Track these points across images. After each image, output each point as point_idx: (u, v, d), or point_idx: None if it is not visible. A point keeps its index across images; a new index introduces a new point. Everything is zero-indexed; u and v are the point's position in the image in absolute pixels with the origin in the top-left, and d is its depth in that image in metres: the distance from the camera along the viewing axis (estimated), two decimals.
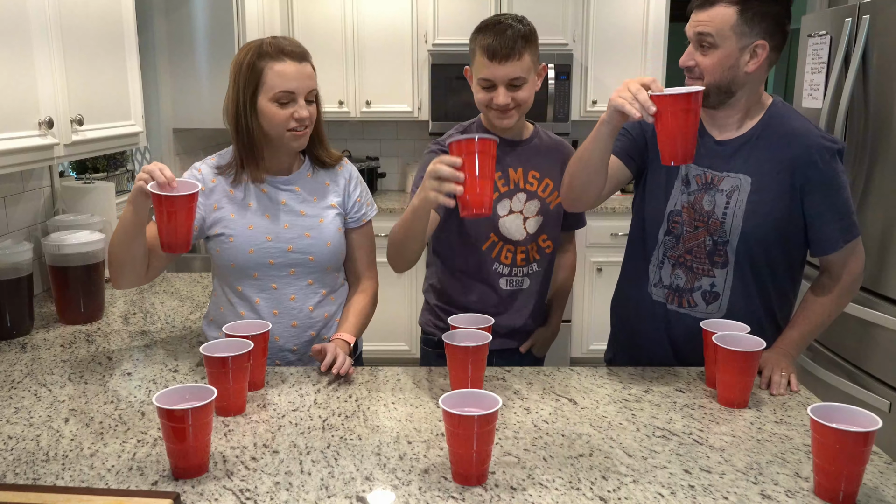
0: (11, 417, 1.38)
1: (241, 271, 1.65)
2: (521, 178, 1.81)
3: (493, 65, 1.67)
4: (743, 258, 1.62)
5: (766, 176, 1.59)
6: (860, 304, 2.51)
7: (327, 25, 4.04)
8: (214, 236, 1.65)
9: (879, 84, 2.46)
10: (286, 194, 1.68)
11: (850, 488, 1.09)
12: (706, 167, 1.63)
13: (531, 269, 1.86)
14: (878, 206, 2.47)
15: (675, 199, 1.67)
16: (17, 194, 2.15)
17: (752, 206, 1.59)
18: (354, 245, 1.77)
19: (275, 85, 1.56)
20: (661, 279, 1.71)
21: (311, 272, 1.69)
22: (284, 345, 1.68)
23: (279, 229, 1.66)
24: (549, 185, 1.84)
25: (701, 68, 1.55)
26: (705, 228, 1.63)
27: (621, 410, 1.42)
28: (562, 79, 3.95)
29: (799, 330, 1.65)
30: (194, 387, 1.20)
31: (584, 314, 4.05)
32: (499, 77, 1.68)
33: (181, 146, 3.46)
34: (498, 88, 1.70)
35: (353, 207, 1.76)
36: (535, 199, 1.82)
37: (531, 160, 1.83)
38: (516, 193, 1.80)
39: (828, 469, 1.09)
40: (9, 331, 1.84)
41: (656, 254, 1.72)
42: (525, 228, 1.82)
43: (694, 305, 1.68)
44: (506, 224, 1.80)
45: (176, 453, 1.14)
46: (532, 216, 1.82)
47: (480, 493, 1.11)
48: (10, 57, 1.58)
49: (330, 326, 1.74)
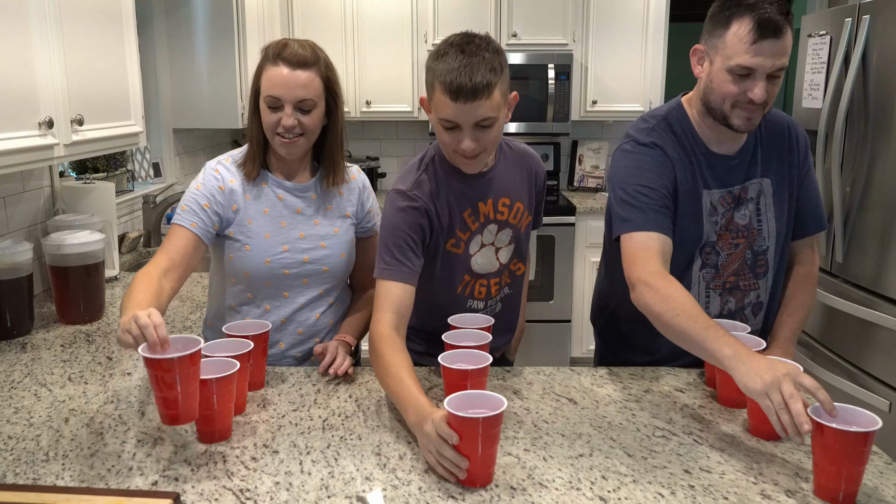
0: (11, 417, 1.38)
1: (255, 280, 1.63)
2: (491, 209, 1.61)
3: (457, 105, 1.38)
4: (777, 259, 1.64)
5: (779, 172, 1.62)
6: (860, 304, 2.51)
7: (327, 25, 4.04)
8: (229, 239, 1.62)
9: (879, 84, 2.46)
10: (302, 203, 1.66)
11: (849, 488, 1.08)
12: (727, 187, 1.58)
13: (503, 293, 1.72)
14: (877, 206, 2.47)
15: (706, 232, 1.57)
16: (17, 194, 2.15)
17: (778, 206, 1.61)
18: (361, 255, 1.76)
19: (265, 88, 1.55)
20: (710, 313, 1.60)
21: (323, 282, 1.68)
22: (287, 351, 1.69)
23: (295, 239, 1.64)
24: (519, 209, 1.65)
25: (769, 98, 1.44)
26: (746, 242, 1.61)
27: (621, 410, 1.42)
28: (562, 79, 3.95)
29: (790, 327, 1.66)
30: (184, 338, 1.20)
31: (584, 314, 4.04)
32: (465, 119, 1.40)
33: (181, 146, 3.46)
34: (463, 131, 1.43)
35: (364, 218, 1.76)
36: (507, 228, 1.65)
37: (499, 187, 1.62)
38: (487, 226, 1.62)
39: (828, 469, 1.09)
40: (9, 331, 1.84)
41: (695, 293, 1.60)
42: (498, 259, 1.66)
43: (745, 321, 1.64)
44: (478, 261, 1.63)
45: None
46: (504, 246, 1.66)
47: (480, 494, 1.11)
48: (7, 39, 1.57)
49: (332, 332, 1.74)
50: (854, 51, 2.54)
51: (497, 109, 1.41)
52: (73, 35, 1.83)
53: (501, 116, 1.45)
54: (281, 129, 1.55)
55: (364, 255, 1.76)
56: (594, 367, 1.64)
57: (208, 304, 1.78)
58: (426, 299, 1.61)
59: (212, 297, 1.75)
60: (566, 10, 4.02)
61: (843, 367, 2.64)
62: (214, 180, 1.61)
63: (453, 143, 1.45)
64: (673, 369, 1.63)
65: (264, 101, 1.55)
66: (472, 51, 1.38)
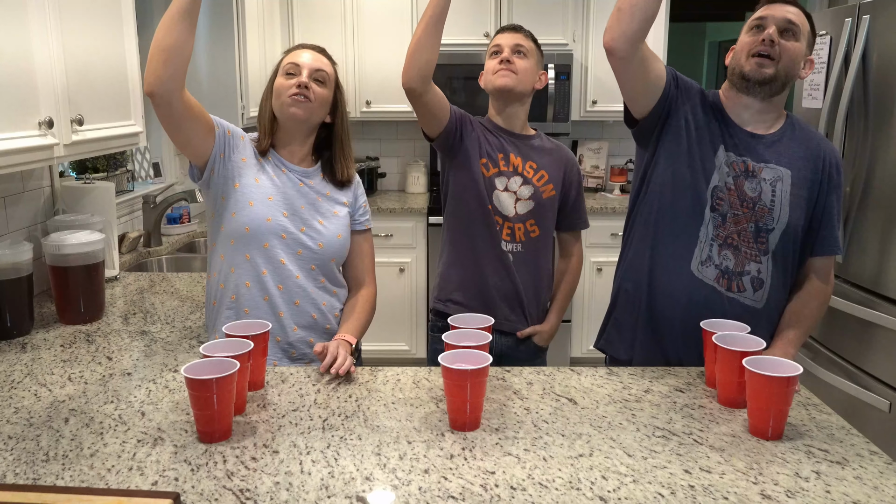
0: (11, 417, 1.38)
1: (254, 238, 1.67)
2: (521, 164, 2.00)
3: (504, 34, 1.99)
4: (780, 248, 1.65)
5: (801, 171, 1.65)
6: (860, 304, 2.51)
7: (328, 25, 4.04)
8: (234, 191, 1.67)
9: (879, 84, 2.46)
10: (304, 186, 1.75)
11: (777, 426, 1.29)
12: (742, 156, 1.65)
13: (515, 248, 2.00)
14: (878, 206, 2.47)
15: (719, 177, 1.64)
16: (17, 194, 2.15)
17: (794, 199, 1.64)
18: (356, 249, 1.82)
19: (285, 63, 1.71)
20: (711, 257, 1.65)
21: (316, 259, 1.72)
22: (287, 324, 1.70)
23: (297, 208, 1.72)
24: (544, 177, 2.01)
25: (781, 51, 1.59)
26: (751, 213, 1.63)
27: (621, 410, 1.42)
28: (562, 79, 3.95)
29: (795, 332, 1.66)
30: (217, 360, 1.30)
31: (584, 314, 4.05)
32: (505, 42, 1.96)
33: None
34: (504, 51, 1.96)
35: (358, 210, 1.83)
36: (530, 185, 2.00)
37: (531, 154, 2.02)
38: (513, 176, 1.99)
39: (757, 409, 1.29)
40: (9, 331, 1.84)
41: (704, 230, 1.65)
42: (516, 208, 1.99)
43: (743, 290, 1.65)
44: (499, 197, 1.98)
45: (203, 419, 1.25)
46: (524, 199, 1.99)
47: (481, 494, 1.11)
48: (6, 24, 1.58)
49: (327, 316, 1.75)
50: (854, 51, 2.54)
51: (530, 53, 1.98)
52: (72, 23, 1.83)
53: (533, 63, 1.99)
54: (294, 89, 1.66)
55: (358, 249, 1.82)
56: (594, 367, 1.64)
57: (208, 284, 1.78)
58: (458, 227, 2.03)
59: (209, 278, 1.77)
60: (566, 10, 4.02)
61: (843, 367, 2.64)
62: (237, 130, 1.75)
63: (495, 65, 1.96)
64: (673, 369, 1.63)
65: (283, 70, 1.70)
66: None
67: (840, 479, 1.17)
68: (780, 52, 1.59)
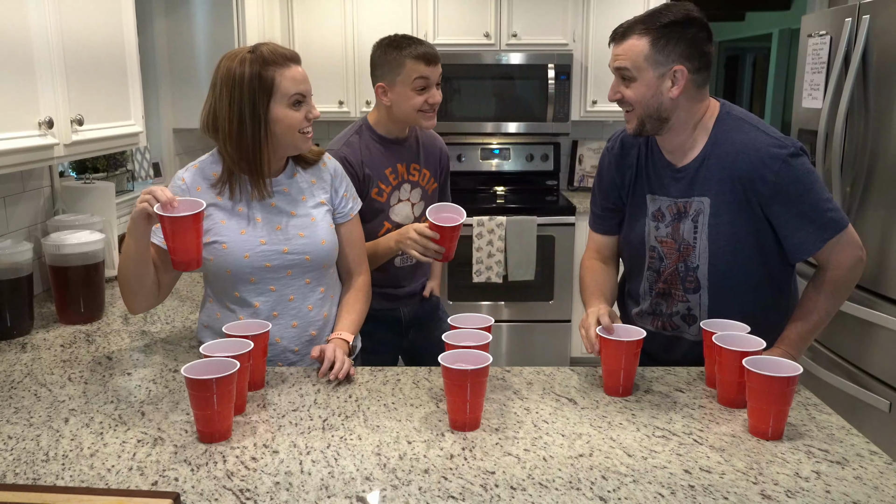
0: (11, 417, 1.38)
1: (238, 277, 1.63)
2: (405, 171, 2.11)
3: (428, 68, 1.96)
4: (716, 280, 1.63)
5: (720, 196, 1.59)
6: (860, 304, 2.51)
7: (328, 24, 4.04)
8: (207, 244, 1.61)
9: (879, 84, 2.46)
10: (275, 196, 1.66)
11: (777, 425, 1.30)
12: (675, 197, 1.65)
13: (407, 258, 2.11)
14: (878, 206, 2.47)
15: (650, 234, 1.70)
16: (17, 194, 2.15)
17: (713, 228, 1.60)
18: (343, 240, 1.77)
19: (289, 89, 1.56)
20: (645, 310, 1.76)
21: (307, 271, 1.68)
22: (287, 346, 1.68)
23: (272, 232, 1.64)
24: (426, 175, 2.16)
25: (627, 100, 1.59)
26: (678, 255, 1.66)
27: (621, 410, 1.42)
28: (562, 79, 3.95)
29: (797, 329, 1.64)
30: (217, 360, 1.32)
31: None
32: (433, 77, 1.98)
33: (181, 146, 3.46)
34: (432, 89, 1.99)
35: (340, 203, 1.76)
36: (418, 188, 2.14)
37: (412, 156, 2.14)
38: (403, 184, 2.11)
39: (758, 409, 1.30)
40: (9, 331, 1.84)
41: (645, 285, 1.75)
42: (413, 213, 2.14)
43: (677, 328, 1.72)
44: (395, 210, 2.10)
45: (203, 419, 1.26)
46: (417, 202, 2.15)
47: (481, 494, 1.11)
48: (12, 82, 1.59)
49: (329, 324, 1.74)
50: (854, 51, 2.54)
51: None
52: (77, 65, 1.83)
53: None
54: (306, 124, 1.61)
55: (347, 239, 1.77)
56: (594, 367, 1.64)
57: (202, 307, 1.77)
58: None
59: (203, 304, 1.75)
60: (566, 10, 4.02)
61: (843, 367, 2.64)
62: (180, 191, 1.62)
63: (422, 101, 1.98)
64: (673, 369, 1.63)
65: (289, 103, 1.57)
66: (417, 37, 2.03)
67: (840, 479, 1.17)
68: (628, 101, 1.59)
